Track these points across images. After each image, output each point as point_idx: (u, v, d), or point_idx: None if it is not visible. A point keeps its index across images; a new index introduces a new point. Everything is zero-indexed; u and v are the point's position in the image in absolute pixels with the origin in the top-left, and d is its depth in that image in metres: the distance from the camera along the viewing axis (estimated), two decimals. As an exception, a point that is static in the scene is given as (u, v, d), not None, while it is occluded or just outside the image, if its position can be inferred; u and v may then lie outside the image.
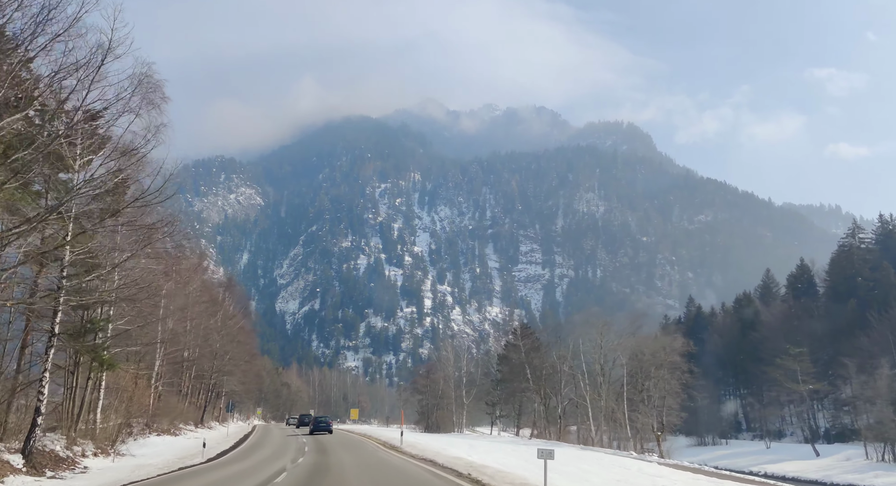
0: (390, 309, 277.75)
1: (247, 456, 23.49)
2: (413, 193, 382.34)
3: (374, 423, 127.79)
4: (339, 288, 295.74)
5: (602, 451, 28.80)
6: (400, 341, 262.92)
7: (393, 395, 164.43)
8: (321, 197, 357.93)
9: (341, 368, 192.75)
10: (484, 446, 27.62)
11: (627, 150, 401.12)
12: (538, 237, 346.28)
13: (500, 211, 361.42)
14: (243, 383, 60.12)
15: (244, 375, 56.08)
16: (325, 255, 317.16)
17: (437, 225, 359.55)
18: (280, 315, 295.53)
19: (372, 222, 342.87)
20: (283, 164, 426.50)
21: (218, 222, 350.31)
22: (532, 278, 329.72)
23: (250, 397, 77.07)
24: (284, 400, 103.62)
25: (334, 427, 51.80)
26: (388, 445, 28.98)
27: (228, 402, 32.11)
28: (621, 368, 41.47)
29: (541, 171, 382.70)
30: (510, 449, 25.92)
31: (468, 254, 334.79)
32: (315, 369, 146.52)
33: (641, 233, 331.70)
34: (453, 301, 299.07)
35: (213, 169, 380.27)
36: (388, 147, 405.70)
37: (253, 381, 68.36)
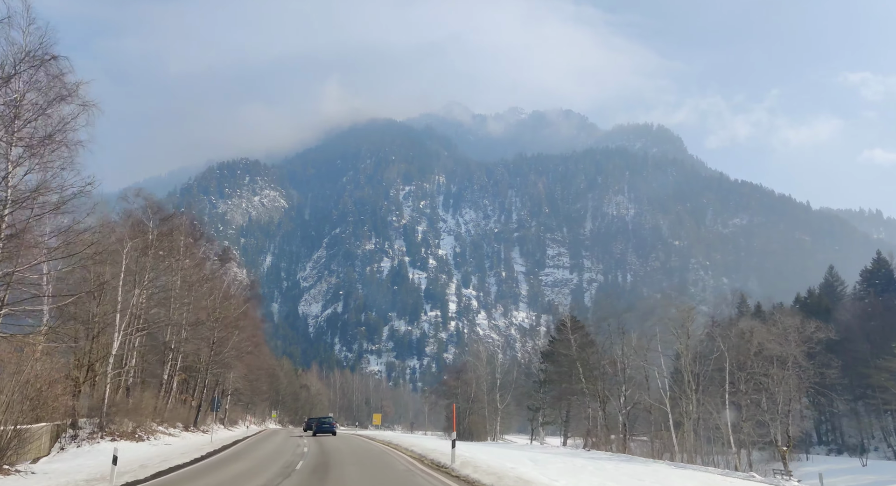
0: (414, 313, 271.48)
1: (192, 480, 15.33)
2: (437, 196, 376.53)
3: (398, 429, 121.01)
4: (362, 291, 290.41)
5: (707, 470, 21.57)
6: (424, 345, 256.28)
7: (417, 400, 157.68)
8: (345, 199, 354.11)
9: (364, 372, 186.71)
10: (550, 461, 20.84)
11: (658, 152, 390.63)
12: (566, 241, 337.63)
13: (526, 214, 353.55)
14: (250, 381, 53.78)
15: (250, 370, 49.68)
16: (348, 257, 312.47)
17: (462, 228, 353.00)
18: (303, 318, 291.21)
19: (396, 225, 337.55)
20: (308, 166, 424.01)
21: (242, 224, 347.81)
22: (559, 282, 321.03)
23: (263, 397, 70.78)
24: (303, 403, 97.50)
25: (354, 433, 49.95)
26: (430, 461, 20.34)
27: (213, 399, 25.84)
28: (712, 361, 34.16)
29: (568, 173, 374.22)
30: (585, 466, 19.08)
31: (494, 258, 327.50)
32: (336, 372, 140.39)
33: (673, 237, 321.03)
34: (478, 306, 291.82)
35: (237, 171, 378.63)
36: (413, 150, 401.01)
37: (264, 379, 62.08)
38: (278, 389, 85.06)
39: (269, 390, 79.27)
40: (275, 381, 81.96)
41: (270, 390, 79.64)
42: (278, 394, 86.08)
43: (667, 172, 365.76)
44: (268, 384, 77.02)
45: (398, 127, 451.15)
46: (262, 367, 56.24)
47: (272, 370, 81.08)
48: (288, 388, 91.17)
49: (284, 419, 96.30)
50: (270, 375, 78.02)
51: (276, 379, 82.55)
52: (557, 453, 29.93)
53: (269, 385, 79.90)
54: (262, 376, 59.11)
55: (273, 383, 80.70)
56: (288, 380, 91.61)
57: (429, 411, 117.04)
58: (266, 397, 74.83)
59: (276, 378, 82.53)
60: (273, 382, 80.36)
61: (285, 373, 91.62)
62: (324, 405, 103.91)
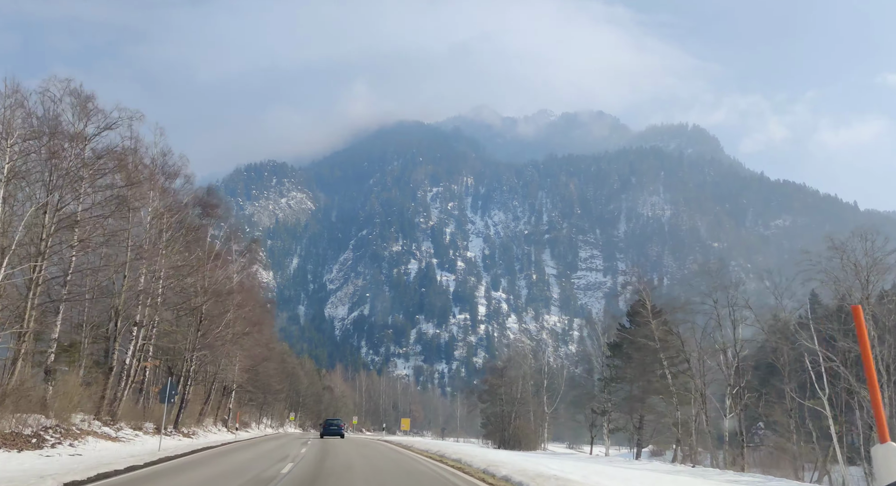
0: (442, 315, 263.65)
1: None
2: (466, 198, 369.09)
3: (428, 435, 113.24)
4: (389, 293, 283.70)
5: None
6: (453, 349, 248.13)
7: (446, 405, 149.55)
8: (372, 201, 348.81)
9: (391, 375, 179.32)
10: (645, 478, 13.07)
11: (693, 152, 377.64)
12: (599, 243, 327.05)
13: (557, 215, 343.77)
14: (257, 374, 46.37)
15: (252, 360, 42.11)
16: (375, 259, 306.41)
17: (491, 229, 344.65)
18: (329, 321, 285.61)
19: (423, 226, 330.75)
20: (335, 169, 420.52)
21: (269, 226, 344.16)
22: (592, 285, 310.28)
23: (278, 397, 63.53)
24: (326, 406, 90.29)
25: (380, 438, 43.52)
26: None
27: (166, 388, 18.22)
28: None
29: (601, 173, 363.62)
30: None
31: (524, 260, 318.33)
32: (362, 373, 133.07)
33: (712, 238, 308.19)
34: (509, 309, 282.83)
35: (264, 173, 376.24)
36: (441, 151, 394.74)
37: (275, 376, 54.67)
38: (298, 389, 77.89)
39: (289, 391, 72.07)
40: (295, 381, 74.80)
41: (290, 391, 72.45)
42: (298, 395, 78.90)
43: (704, 172, 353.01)
44: (287, 384, 69.86)
45: (426, 129, 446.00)
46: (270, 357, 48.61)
47: (291, 370, 73.95)
48: (309, 389, 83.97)
49: (306, 423, 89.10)
50: (289, 374, 70.87)
51: (296, 379, 75.41)
52: (655, 469, 21.73)
53: (289, 386, 72.74)
54: (272, 371, 51.64)
55: (293, 383, 73.53)
56: (309, 380, 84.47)
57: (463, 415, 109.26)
58: (283, 396, 67.56)
59: (296, 378, 75.38)
60: (293, 382, 73.21)
61: (307, 373, 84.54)
62: (349, 409, 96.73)
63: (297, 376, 75.51)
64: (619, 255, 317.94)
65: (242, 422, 49.98)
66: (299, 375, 77.04)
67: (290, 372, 71.09)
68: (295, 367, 76.29)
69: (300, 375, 77.74)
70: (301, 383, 77.99)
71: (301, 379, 78.16)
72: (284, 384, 67.72)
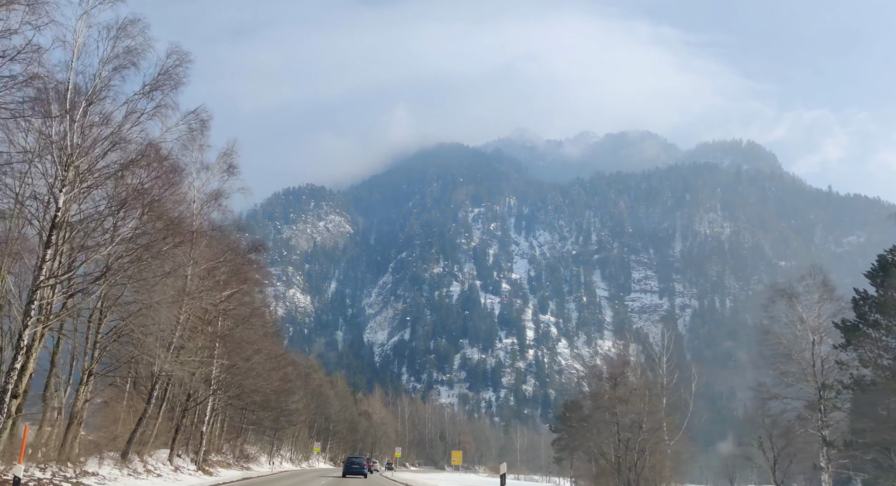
0: (488, 340, 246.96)
1: None
2: (508, 218, 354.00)
3: (481, 471, 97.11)
4: (430, 317, 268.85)
5: None
6: (500, 375, 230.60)
7: (499, 436, 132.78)
8: (411, 223, 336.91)
9: (435, 403, 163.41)
10: None
11: (751, 168, 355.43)
12: (653, 263, 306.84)
13: (606, 235, 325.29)
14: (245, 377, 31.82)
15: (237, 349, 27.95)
16: (415, 282, 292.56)
17: (536, 250, 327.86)
18: (368, 346, 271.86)
19: (465, 248, 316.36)
20: (373, 192, 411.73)
21: (307, 250, 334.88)
22: (647, 308, 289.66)
23: (295, 422, 48.63)
24: (363, 435, 75.62)
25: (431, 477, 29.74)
26: None
27: None
28: None
29: (652, 191, 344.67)
30: None
31: (572, 281, 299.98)
32: (404, 398, 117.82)
33: (778, 257, 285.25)
34: (558, 333, 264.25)
35: (302, 197, 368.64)
36: (481, 172, 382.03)
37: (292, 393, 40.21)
38: (328, 414, 63.31)
39: (315, 415, 57.52)
40: (323, 403, 60.27)
41: (316, 415, 57.89)
42: (328, 421, 64.24)
43: (764, 188, 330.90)
44: (313, 407, 55.45)
45: (466, 151, 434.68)
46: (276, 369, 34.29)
47: (318, 388, 59.47)
48: (342, 414, 69.32)
49: (339, 456, 74.40)
50: (315, 393, 56.47)
51: (324, 401, 60.92)
52: None
53: (316, 408, 58.27)
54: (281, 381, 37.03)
55: (320, 406, 59.01)
56: (342, 404, 69.95)
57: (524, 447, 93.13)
58: (304, 420, 53.02)
59: (324, 400, 60.85)
60: (320, 404, 58.68)
61: (339, 395, 70.10)
62: (389, 439, 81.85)
63: (325, 398, 61.20)
64: (676, 275, 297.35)
65: (243, 455, 35.54)
66: (329, 396, 62.72)
67: (317, 391, 56.78)
68: (323, 386, 62.03)
69: (330, 396, 63.41)
70: (331, 405, 63.53)
71: (331, 401, 63.78)
72: (310, 406, 53.45)
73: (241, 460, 37.30)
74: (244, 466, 35.43)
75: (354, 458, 43.08)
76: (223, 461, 32.00)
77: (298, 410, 46.67)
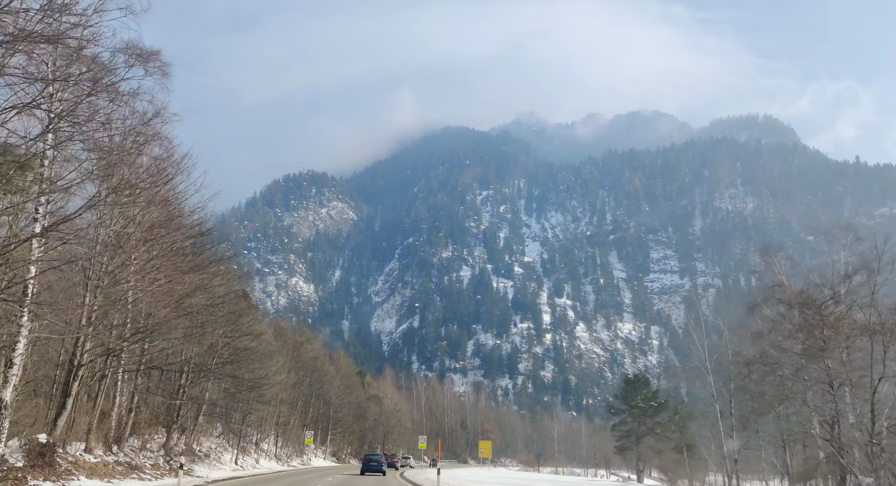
0: (502, 325, 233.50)
1: None
2: (518, 200, 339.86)
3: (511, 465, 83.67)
4: (440, 303, 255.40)
5: None
6: (516, 361, 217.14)
7: (525, 425, 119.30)
8: (417, 207, 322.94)
9: (452, 391, 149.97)
10: None
11: (771, 142, 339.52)
12: (672, 242, 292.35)
13: (622, 214, 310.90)
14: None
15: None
16: (423, 267, 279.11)
17: (549, 232, 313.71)
18: (375, 335, 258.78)
19: (474, 231, 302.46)
20: (377, 178, 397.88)
21: (309, 238, 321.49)
22: (668, 289, 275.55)
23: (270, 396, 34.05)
24: (373, 424, 62.34)
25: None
26: None
27: None
28: None
29: (668, 168, 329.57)
30: None
31: (588, 263, 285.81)
32: (419, 382, 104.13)
33: (806, 231, 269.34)
34: (576, 316, 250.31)
35: (303, 183, 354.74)
36: (488, 154, 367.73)
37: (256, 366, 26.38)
38: (327, 397, 49.65)
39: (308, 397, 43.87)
40: (320, 382, 46.60)
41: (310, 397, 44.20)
42: (327, 406, 50.60)
43: (787, 161, 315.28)
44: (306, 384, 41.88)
45: (472, 134, 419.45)
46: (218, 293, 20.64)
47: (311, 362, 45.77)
48: (345, 398, 55.66)
49: (344, 450, 60.88)
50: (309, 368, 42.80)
51: (322, 379, 47.28)
52: None
53: (310, 389, 44.64)
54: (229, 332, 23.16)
55: (316, 385, 45.37)
56: (345, 384, 56.32)
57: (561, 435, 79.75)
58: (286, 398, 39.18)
59: (321, 377, 47.19)
60: (317, 383, 45.04)
61: (341, 373, 56.56)
62: (404, 428, 68.59)
63: (323, 375, 47.60)
64: (697, 254, 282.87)
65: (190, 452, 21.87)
66: (327, 373, 49.16)
67: (311, 365, 43.20)
68: (320, 359, 48.46)
69: (329, 374, 49.86)
70: (331, 386, 49.93)
71: (331, 380, 50.19)
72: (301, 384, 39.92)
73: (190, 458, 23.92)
74: (188, 468, 21.95)
75: (373, 455, 42.83)
76: (137, 464, 18.77)
77: (279, 382, 32.98)
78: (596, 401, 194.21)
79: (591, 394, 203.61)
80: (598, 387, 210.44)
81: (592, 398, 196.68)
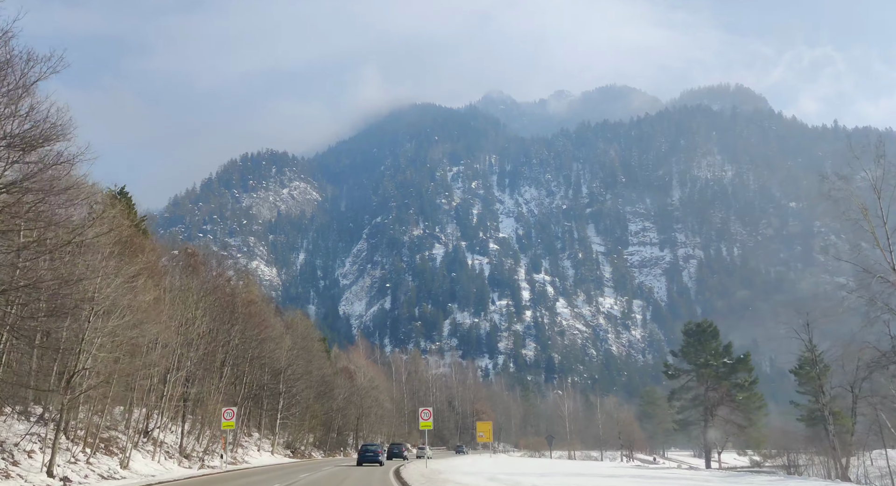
0: (479, 302, 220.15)
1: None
2: (490, 176, 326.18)
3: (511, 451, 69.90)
4: (412, 282, 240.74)
5: None
6: (496, 340, 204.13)
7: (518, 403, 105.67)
8: (385, 185, 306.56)
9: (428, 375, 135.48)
10: None
11: (747, 110, 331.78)
12: (650, 213, 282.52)
13: (598, 186, 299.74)
14: None
15: None
16: (393, 246, 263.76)
17: (523, 207, 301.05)
18: (344, 319, 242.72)
19: (446, 208, 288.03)
20: (342, 157, 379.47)
21: (270, 219, 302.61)
22: (648, 261, 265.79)
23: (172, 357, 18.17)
24: (343, 403, 47.51)
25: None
26: None
27: None
28: None
29: (643, 138, 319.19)
30: None
31: (565, 237, 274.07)
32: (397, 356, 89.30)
33: (787, 197, 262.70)
34: (555, 292, 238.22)
35: (262, 163, 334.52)
36: (458, 130, 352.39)
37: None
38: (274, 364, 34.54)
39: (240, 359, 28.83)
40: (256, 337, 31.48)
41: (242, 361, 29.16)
42: (275, 378, 35.35)
43: (764, 127, 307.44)
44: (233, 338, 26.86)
45: (440, 110, 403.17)
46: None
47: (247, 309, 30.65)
48: (302, 366, 40.54)
49: (304, 439, 45.87)
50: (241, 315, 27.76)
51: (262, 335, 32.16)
52: None
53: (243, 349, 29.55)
54: None
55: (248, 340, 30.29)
56: (301, 347, 41.28)
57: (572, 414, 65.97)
58: (198, 360, 24.04)
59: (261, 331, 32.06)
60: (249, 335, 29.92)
61: (296, 334, 41.57)
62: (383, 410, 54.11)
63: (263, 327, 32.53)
64: (677, 225, 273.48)
65: None
66: (272, 328, 34.17)
67: (243, 313, 28.16)
68: (259, 305, 33.46)
69: (276, 329, 34.85)
70: (278, 348, 34.81)
71: (278, 340, 35.07)
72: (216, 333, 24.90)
73: None
74: None
75: (369, 445, 41.10)
76: None
77: (143, 306, 17.81)
78: (582, 379, 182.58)
79: (577, 371, 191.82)
80: (582, 364, 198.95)
81: (578, 376, 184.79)
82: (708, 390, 45.25)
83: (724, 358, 46.65)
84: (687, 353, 49.19)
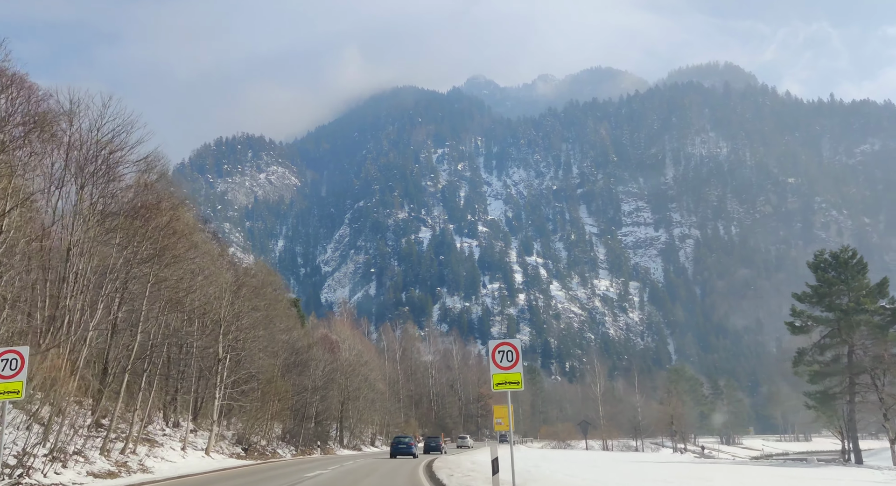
0: (470, 286, 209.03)
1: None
2: (477, 158, 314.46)
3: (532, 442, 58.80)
4: (398, 267, 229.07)
5: None
6: (489, 325, 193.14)
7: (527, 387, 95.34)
8: (367, 168, 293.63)
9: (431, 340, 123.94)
10: None
11: (739, 87, 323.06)
12: (643, 193, 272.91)
13: (589, 166, 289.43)
14: None
15: None
16: (377, 230, 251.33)
17: (512, 189, 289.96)
18: (327, 306, 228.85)
19: (432, 190, 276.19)
20: (322, 142, 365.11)
21: (246, 205, 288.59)
22: (643, 242, 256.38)
23: None
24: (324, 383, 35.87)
25: None
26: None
27: None
28: None
29: (634, 116, 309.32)
30: None
31: (557, 219, 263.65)
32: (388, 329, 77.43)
33: (785, 173, 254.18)
34: (549, 275, 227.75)
35: (237, 147, 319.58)
36: (441, 111, 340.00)
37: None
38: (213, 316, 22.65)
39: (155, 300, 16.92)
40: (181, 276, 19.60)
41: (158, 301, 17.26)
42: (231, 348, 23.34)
43: (758, 103, 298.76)
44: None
45: (423, 93, 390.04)
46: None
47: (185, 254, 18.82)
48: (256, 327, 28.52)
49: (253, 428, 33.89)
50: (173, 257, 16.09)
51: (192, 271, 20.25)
52: None
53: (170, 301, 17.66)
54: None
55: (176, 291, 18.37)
56: (256, 295, 29.39)
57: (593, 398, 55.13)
58: None
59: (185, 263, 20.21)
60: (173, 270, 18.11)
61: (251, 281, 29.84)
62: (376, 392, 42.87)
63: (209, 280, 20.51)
64: (672, 204, 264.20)
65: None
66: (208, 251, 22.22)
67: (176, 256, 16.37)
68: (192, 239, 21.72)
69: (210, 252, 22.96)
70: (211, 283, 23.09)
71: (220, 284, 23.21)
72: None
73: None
74: None
75: (402, 437, 40.11)
76: None
77: None
78: (581, 364, 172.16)
79: (575, 356, 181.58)
80: (580, 349, 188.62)
81: (577, 361, 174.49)
82: (854, 348, 32.20)
83: (882, 301, 33.01)
84: (821, 294, 36.08)
